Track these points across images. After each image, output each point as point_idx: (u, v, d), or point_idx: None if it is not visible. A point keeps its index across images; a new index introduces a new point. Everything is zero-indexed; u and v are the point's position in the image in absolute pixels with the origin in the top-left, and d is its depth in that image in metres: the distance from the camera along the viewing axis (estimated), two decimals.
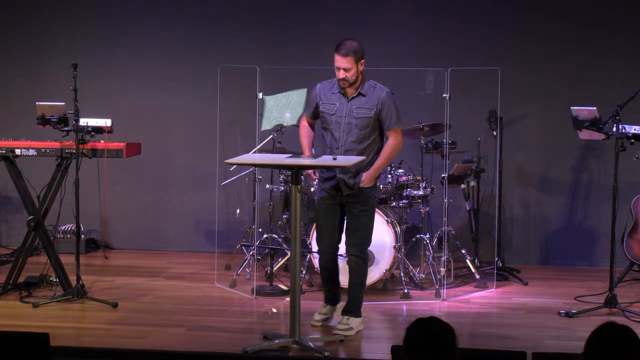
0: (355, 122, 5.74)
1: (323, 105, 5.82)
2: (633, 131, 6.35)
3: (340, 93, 5.79)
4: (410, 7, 8.34)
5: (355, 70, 5.68)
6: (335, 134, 5.77)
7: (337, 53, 5.67)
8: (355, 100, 5.76)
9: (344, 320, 5.81)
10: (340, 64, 5.66)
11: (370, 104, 5.75)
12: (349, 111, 5.75)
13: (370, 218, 5.90)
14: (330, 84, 5.86)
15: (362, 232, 5.85)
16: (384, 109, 5.74)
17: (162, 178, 8.72)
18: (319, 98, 5.84)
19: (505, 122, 7.73)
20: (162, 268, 7.89)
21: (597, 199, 8.08)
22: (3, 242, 8.76)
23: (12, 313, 6.22)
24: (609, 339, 2.95)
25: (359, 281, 5.90)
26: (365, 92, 5.76)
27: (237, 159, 5.88)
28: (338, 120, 5.76)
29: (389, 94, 5.79)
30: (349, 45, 5.65)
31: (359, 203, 5.80)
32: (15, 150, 6.64)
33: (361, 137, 5.75)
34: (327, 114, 5.80)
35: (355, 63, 5.66)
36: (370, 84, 5.81)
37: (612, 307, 6.27)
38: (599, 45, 8.13)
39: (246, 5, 8.56)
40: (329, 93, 5.82)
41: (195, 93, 8.54)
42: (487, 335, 5.88)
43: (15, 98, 8.69)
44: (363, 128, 5.74)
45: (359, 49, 5.68)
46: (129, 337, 5.65)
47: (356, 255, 5.85)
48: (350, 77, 5.68)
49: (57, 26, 8.74)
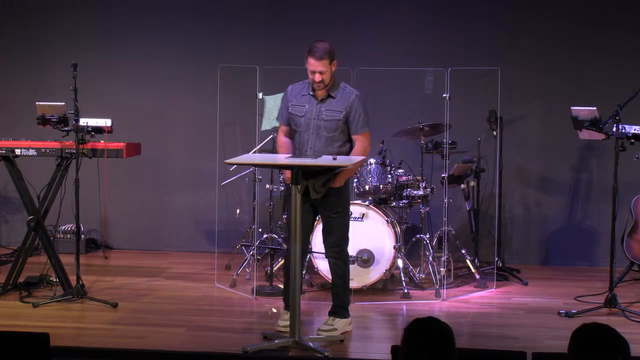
0: (323, 125, 5.69)
1: (292, 107, 5.77)
2: (633, 131, 6.34)
3: (310, 95, 5.74)
4: (410, 7, 8.34)
5: (329, 72, 5.64)
6: (304, 136, 5.72)
7: (311, 57, 5.60)
8: (325, 103, 5.72)
9: (329, 320, 5.78)
10: (315, 68, 5.61)
11: (339, 107, 5.70)
12: (318, 113, 5.70)
13: (344, 217, 5.83)
14: (302, 85, 5.82)
15: (338, 233, 5.79)
16: (352, 112, 5.68)
17: (162, 178, 8.73)
18: (289, 100, 5.80)
19: (505, 122, 7.73)
20: (162, 268, 7.89)
21: (597, 199, 8.08)
22: (3, 242, 8.76)
23: (12, 313, 6.22)
24: (588, 338, 2.97)
25: (341, 282, 5.84)
26: (335, 95, 5.71)
27: (237, 159, 5.87)
28: (307, 122, 5.71)
29: (358, 96, 5.71)
30: (322, 47, 5.60)
31: (330, 204, 5.70)
32: (15, 150, 6.64)
33: (329, 139, 5.69)
34: (296, 115, 5.75)
35: (329, 65, 5.62)
36: (341, 86, 5.76)
37: (612, 307, 6.26)
38: (599, 45, 8.13)
39: (246, 5, 8.56)
40: (299, 95, 5.78)
41: (195, 93, 8.55)
42: (487, 335, 5.87)
43: (16, 98, 8.69)
44: (331, 130, 5.69)
45: (332, 51, 5.64)
46: (129, 337, 5.65)
47: (335, 257, 5.80)
48: (326, 79, 5.64)
49: (57, 26, 8.74)
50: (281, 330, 5.69)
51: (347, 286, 5.91)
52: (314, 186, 5.67)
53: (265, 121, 7.43)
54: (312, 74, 5.64)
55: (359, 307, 6.51)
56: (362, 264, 6.80)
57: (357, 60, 7.59)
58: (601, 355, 2.92)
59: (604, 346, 2.93)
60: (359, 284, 6.79)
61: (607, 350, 2.93)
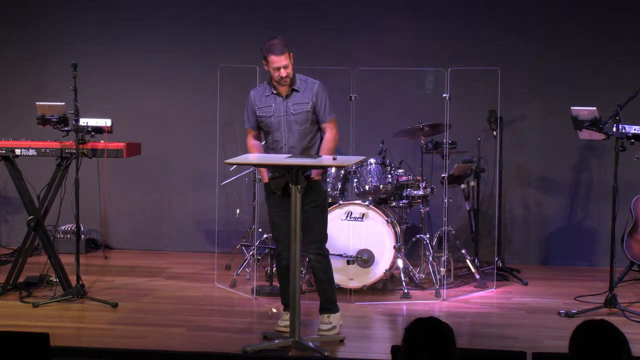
0: (294, 119, 5.71)
1: (259, 110, 5.77)
2: (633, 131, 6.34)
3: (273, 94, 5.76)
4: (410, 7, 8.33)
5: (291, 65, 5.68)
6: (277, 135, 5.73)
7: (272, 54, 5.63)
8: (291, 98, 5.74)
9: (325, 319, 5.77)
10: (280, 63, 5.62)
11: (305, 98, 5.74)
12: (286, 109, 5.73)
13: (323, 212, 5.82)
14: (262, 88, 5.84)
15: (317, 228, 5.76)
16: (318, 101, 5.73)
17: (162, 178, 8.73)
18: (254, 104, 5.80)
19: (505, 122, 7.73)
20: (162, 268, 7.89)
21: (597, 199, 8.08)
22: (3, 242, 8.76)
23: (12, 313, 6.22)
24: (589, 338, 2.97)
25: (326, 278, 5.82)
26: (298, 88, 5.75)
27: (237, 159, 5.87)
28: (277, 121, 5.73)
29: (321, 85, 5.78)
30: (280, 42, 5.65)
31: (308, 198, 5.62)
32: (15, 150, 6.64)
33: (302, 133, 5.72)
34: (265, 117, 5.75)
35: (290, 59, 5.67)
36: (300, 78, 5.79)
37: (612, 307, 6.26)
38: (599, 45, 8.12)
39: (246, 5, 8.56)
40: (262, 97, 5.79)
41: (195, 93, 8.55)
42: (487, 335, 5.87)
43: (16, 98, 8.69)
44: (302, 123, 5.72)
45: (288, 44, 5.69)
46: (129, 337, 5.65)
47: (316, 253, 5.77)
48: (290, 72, 5.67)
49: (58, 26, 8.74)
50: (281, 330, 5.68)
51: (332, 281, 5.90)
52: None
53: None
54: (276, 70, 5.65)
55: (359, 307, 6.51)
56: (362, 264, 6.80)
57: (357, 61, 7.60)
58: (606, 350, 2.92)
59: (608, 342, 2.94)
60: (359, 284, 6.79)
61: (611, 345, 2.93)
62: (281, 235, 5.72)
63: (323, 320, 5.79)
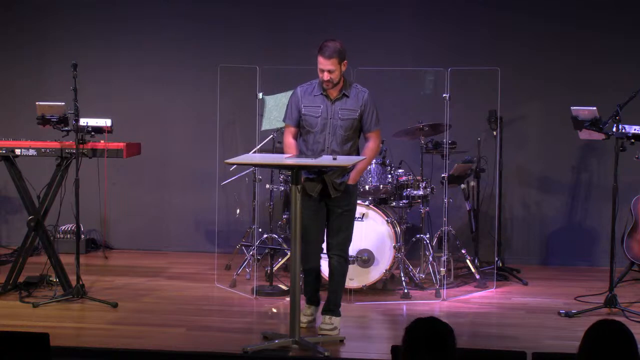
0: (340, 124, 5.72)
1: (306, 108, 5.76)
2: (633, 131, 6.34)
3: (322, 95, 5.75)
4: (410, 7, 8.34)
5: (339, 71, 5.67)
6: (319, 137, 5.73)
7: (320, 55, 5.64)
8: (340, 102, 5.74)
9: (327, 320, 5.78)
10: (324, 66, 5.63)
11: (354, 105, 5.75)
12: (334, 113, 5.72)
13: (352, 216, 5.88)
14: (311, 86, 5.82)
15: (345, 231, 5.81)
16: (366, 110, 5.75)
17: (162, 178, 8.73)
18: (302, 102, 5.78)
19: (505, 122, 7.73)
20: (162, 268, 7.89)
21: (597, 199, 8.08)
22: (3, 242, 8.77)
23: (12, 313, 6.21)
24: (604, 336, 2.97)
25: (342, 280, 5.88)
26: (349, 94, 5.75)
27: (237, 159, 5.87)
28: (323, 123, 5.72)
29: (370, 95, 5.81)
30: (332, 46, 5.63)
31: (343, 201, 5.75)
32: (15, 150, 6.64)
33: (345, 138, 5.73)
34: (312, 116, 5.74)
35: (338, 64, 5.64)
36: (353, 85, 5.81)
37: (612, 307, 6.26)
38: (599, 45, 8.13)
39: (246, 5, 8.56)
40: (310, 96, 5.78)
41: (195, 93, 8.55)
42: (487, 335, 5.87)
43: (16, 98, 8.69)
44: (347, 129, 5.73)
45: (342, 50, 5.67)
46: (129, 337, 5.64)
47: (339, 254, 5.81)
48: (334, 78, 5.66)
49: (58, 26, 8.75)
50: (304, 327, 5.74)
51: (344, 285, 5.97)
52: (332, 184, 5.70)
53: (265, 121, 7.42)
54: (321, 72, 5.66)
55: (359, 307, 6.51)
56: (362, 264, 6.80)
57: (357, 60, 7.57)
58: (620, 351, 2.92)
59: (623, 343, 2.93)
60: (359, 284, 6.79)
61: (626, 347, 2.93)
62: (311, 237, 5.76)
63: (325, 321, 5.79)
